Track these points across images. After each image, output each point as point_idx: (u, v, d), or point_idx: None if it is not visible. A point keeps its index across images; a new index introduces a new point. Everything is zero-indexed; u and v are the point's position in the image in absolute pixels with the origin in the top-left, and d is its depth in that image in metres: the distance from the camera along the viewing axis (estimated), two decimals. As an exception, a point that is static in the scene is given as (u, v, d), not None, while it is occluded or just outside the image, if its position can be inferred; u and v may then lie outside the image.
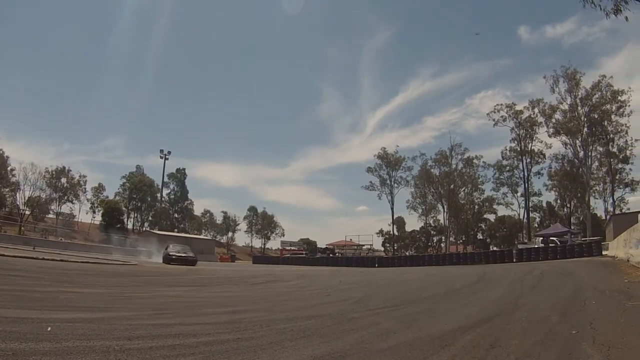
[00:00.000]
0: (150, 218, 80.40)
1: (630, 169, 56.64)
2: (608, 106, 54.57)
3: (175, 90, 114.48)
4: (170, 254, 27.63)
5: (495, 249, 62.71)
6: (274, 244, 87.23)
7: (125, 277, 12.37)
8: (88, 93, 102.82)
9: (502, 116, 65.25)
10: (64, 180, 69.43)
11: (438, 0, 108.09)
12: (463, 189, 73.12)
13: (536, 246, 39.48)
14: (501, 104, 66.35)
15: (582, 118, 55.80)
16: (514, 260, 32.83)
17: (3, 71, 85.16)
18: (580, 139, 56.37)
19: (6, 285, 7.02)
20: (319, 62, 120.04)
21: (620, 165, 57.07)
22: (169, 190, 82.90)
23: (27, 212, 62.82)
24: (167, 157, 67.68)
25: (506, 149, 67.20)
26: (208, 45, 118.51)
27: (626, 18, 24.36)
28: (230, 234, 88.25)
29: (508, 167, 67.74)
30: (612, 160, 56.81)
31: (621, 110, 53.88)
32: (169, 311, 5.47)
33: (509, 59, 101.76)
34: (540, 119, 61.88)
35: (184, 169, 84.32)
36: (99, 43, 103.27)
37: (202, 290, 9.45)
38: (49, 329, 3.60)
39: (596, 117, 55.27)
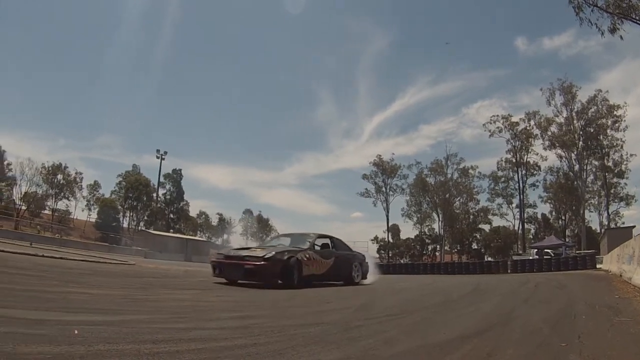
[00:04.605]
0: (145, 217, 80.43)
1: (625, 184, 57.50)
2: (604, 120, 55.29)
3: (174, 90, 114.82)
4: None
5: (490, 259, 63.17)
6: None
7: (128, 277, 12.50)
8: (85, 89, 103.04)
9: (497, 127, 66.21)
10: (60, 176, 69.51)
11: (435, 9, 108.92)
12: (458, 198, 73.67)
13: (531, 258, 39.93)
14: (497, 115, 67.37)
15: (578, 131, 56.42)
16: (509, 271, 33.23)
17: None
18: (575, 152, 57.04)
19: (18, 285, 7.12)
20: (316, 66, 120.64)
21: (615, 180, 57.75)
22: (165, 191, 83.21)
23: (23, 208, 62.84)
24: (163, 157, 67.97)
25: (501, 160, 68.19)
26: (208, 46, 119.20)
27: (621, 37, 25.09)
28: (225, 236, 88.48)
29: (503, 178, 68.62)
30: (607, 174, 57.48)
31: (617, 124, 54.72)
32: (183, 315, 5.70)
33: (505, 69, 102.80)
34: (536, 132, 62.60)
35: (180, 170, 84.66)
36: (100, 41, 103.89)
37: (208, 293, 9.62)
38: (76, 332, 3.67)
39: (592, 131, 55.99)
